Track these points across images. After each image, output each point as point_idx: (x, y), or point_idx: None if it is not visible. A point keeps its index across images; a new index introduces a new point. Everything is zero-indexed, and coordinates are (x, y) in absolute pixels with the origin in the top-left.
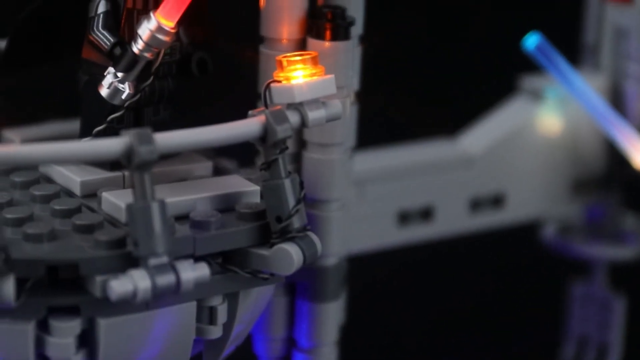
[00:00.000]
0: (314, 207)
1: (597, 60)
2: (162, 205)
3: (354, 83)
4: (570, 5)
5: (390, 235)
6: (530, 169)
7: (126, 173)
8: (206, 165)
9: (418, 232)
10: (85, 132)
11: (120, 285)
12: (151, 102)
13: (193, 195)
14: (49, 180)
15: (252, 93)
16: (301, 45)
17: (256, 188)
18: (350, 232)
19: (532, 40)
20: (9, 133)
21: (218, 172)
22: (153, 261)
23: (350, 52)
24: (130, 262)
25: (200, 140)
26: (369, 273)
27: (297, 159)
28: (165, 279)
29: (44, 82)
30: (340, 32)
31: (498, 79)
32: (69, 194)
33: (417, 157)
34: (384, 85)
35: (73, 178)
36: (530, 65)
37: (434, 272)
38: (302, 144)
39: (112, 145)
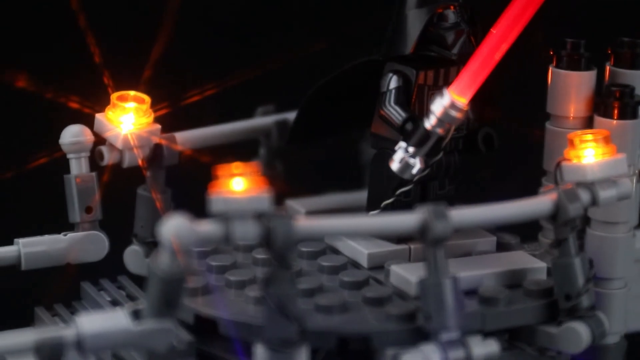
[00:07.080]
0: (596, 285)
1: None
2: (454, 280)
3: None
4: None
5: None
6: None
7: (412, 246)
8: (490, 240)
9: None
10: (373, 204)
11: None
12: (437, 176)
13: (480, 270)
14: (334, 251)
15: (535, 169)
16: (587, 123)
17: (543, 265)
18: (630, 310)
19: None
20: (293, 203)
21: (501, 247)
22: (444, 336)
23: (638, 130)
24: (421, 336)
25: (493, 217)
26: None
27: (580, 236)
28: (457, 354)
29: (324, 153)
30: (629, 111)
31: None
32: (356, 265)
33: None
34: None
35: (360, 250)
36: None
37: None
38: (585, 221)
39: (407, 221)
